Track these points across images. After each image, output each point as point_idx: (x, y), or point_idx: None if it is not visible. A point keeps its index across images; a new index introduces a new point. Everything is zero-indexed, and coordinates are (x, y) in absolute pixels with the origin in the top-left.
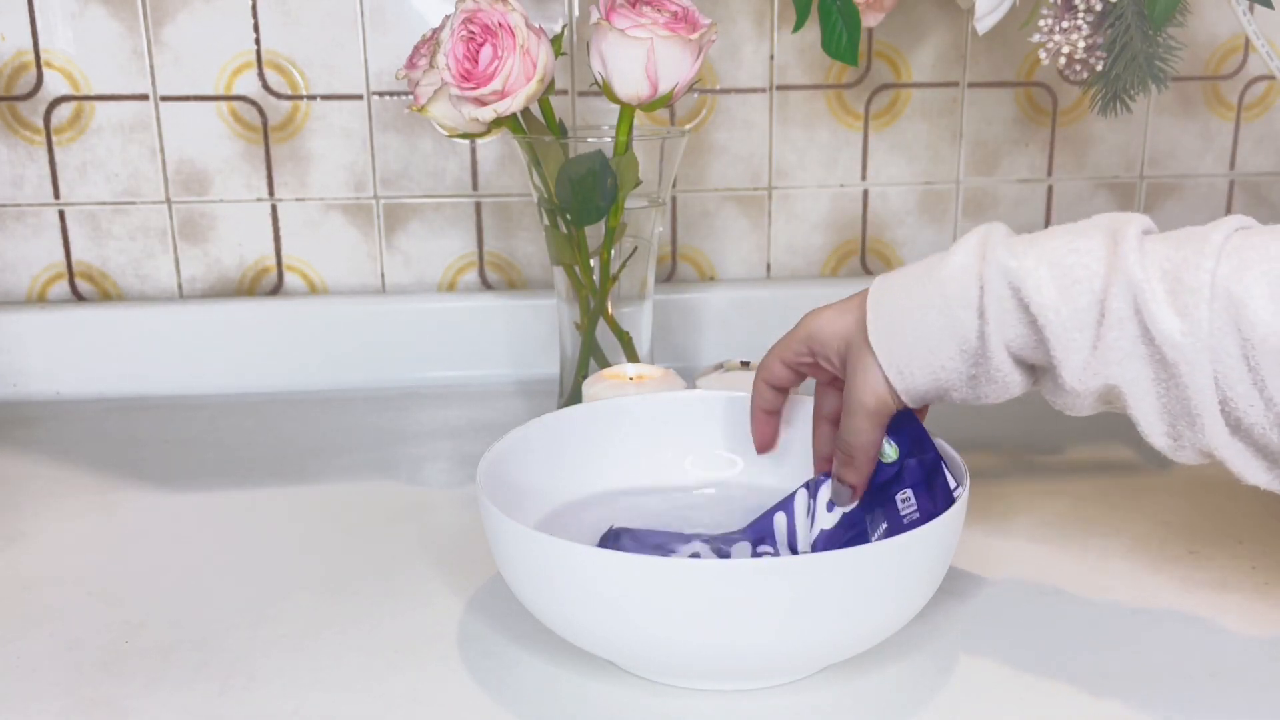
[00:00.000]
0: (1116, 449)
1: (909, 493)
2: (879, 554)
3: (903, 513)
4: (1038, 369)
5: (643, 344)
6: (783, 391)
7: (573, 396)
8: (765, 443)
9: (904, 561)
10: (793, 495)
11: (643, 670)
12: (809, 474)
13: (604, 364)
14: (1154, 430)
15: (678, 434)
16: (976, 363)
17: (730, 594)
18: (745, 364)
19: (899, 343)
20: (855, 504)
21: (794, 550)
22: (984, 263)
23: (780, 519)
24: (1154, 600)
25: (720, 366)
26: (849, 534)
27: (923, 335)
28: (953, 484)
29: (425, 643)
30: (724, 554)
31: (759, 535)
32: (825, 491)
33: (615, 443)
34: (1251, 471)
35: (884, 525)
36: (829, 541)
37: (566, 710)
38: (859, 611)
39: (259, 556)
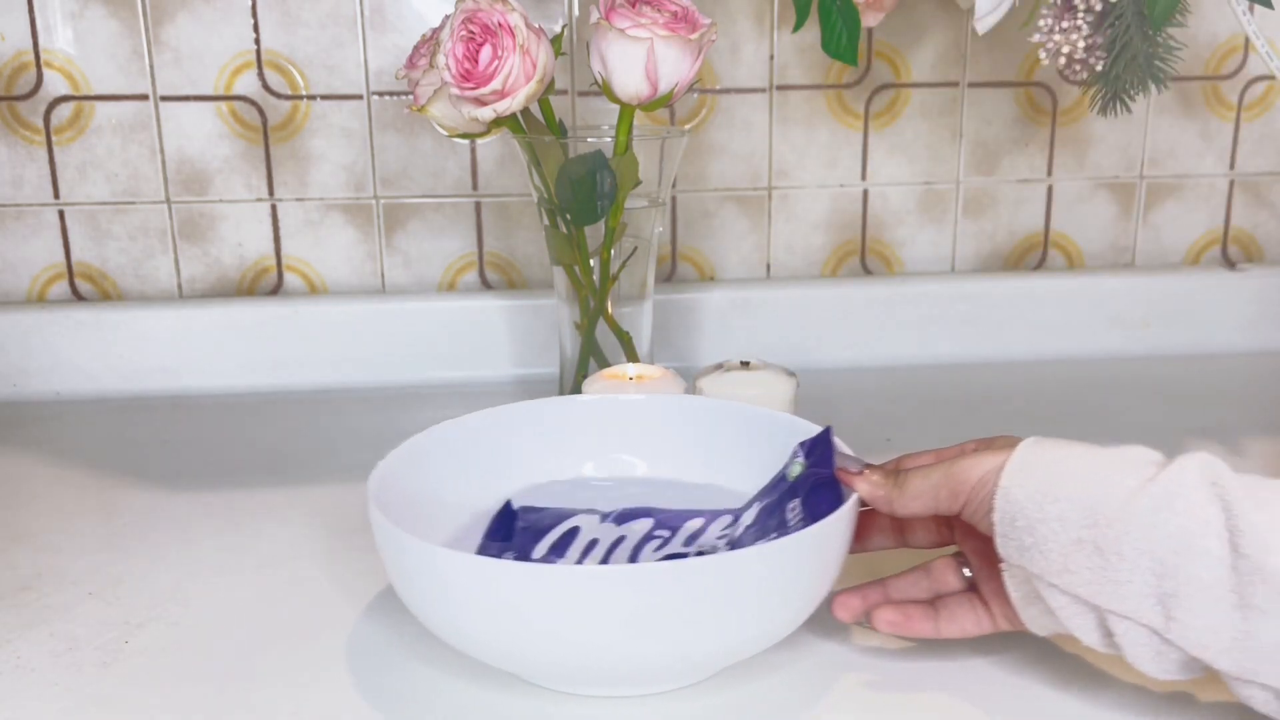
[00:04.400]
0: None
1: (797, 503)
2: (767, 556)
3: (790, 522)
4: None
5: (643, 344)
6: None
7: None
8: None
9: (793, 563)
10: (716, 514)
11: (541, 679)
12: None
13: (604, 364)
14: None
15: (579, 438)
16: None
17: (615, 599)
18: (745, 364)
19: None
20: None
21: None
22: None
23: (695, 523)
24: None
25: (720, 366)
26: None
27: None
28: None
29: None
30: (619, 536)
31: (663, 522)
32: (749, 516)
33: (518, 447)
34: None
35: (774, 535)
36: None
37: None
38: (750, 614)
39: (258, 556)
